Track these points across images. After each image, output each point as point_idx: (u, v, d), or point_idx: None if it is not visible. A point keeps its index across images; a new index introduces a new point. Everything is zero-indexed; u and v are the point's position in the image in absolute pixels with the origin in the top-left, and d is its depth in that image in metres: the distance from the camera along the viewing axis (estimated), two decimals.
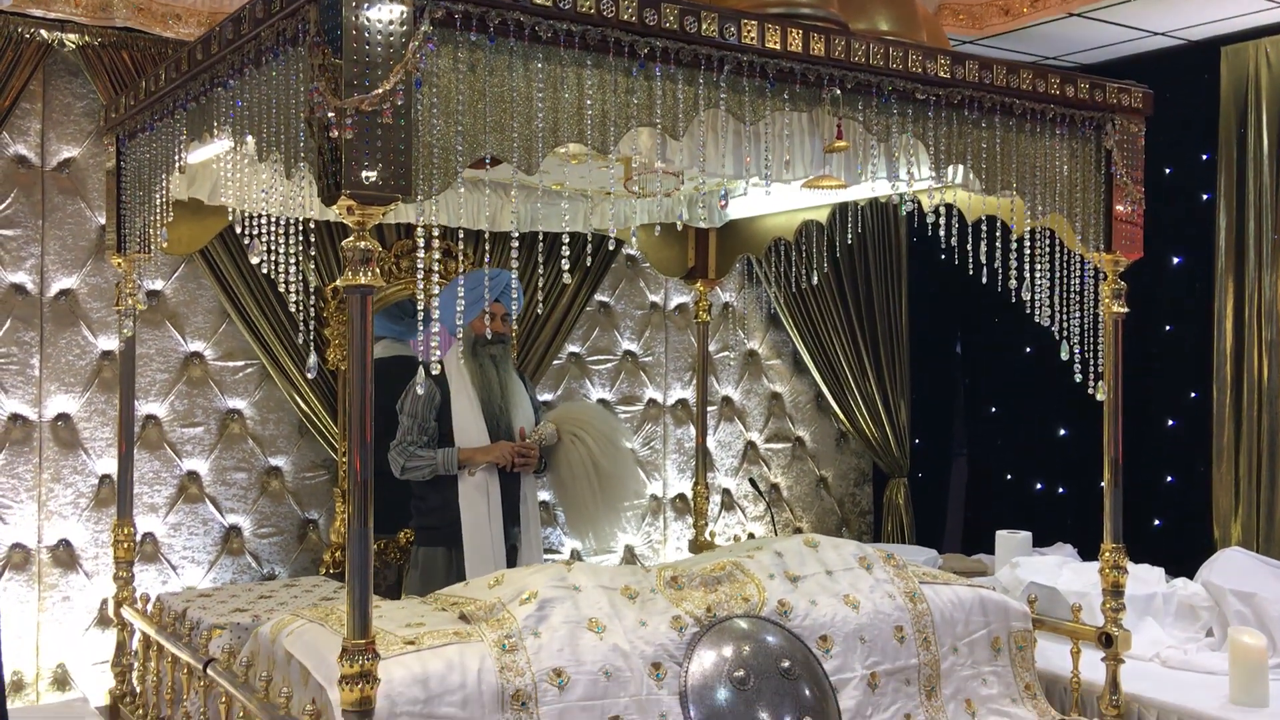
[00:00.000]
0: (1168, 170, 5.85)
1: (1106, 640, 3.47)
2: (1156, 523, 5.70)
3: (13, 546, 4.24)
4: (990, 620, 3.58)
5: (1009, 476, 6.51)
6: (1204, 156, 5.67)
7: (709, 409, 5.89)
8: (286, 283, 2.66)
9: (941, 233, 3.22)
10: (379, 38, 2.26)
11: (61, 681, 4.30)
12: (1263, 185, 5.40)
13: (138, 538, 4.41)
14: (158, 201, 3.33)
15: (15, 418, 4.26)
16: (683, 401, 5.85)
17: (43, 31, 4.13)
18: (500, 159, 2.48)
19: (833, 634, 3.28)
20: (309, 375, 2.70)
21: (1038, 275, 3.41)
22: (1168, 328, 5.81)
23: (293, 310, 2.77)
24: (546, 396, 5.38)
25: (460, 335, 4.34)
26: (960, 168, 3.22)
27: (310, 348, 2.72)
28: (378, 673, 2.44)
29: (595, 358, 5.59)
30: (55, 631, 4.30)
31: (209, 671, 3.07)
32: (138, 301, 3.78)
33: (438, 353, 2.40)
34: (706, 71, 2.72)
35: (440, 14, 2.35)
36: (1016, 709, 3.51)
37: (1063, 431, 6.15)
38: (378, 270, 2.35)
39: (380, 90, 2.27)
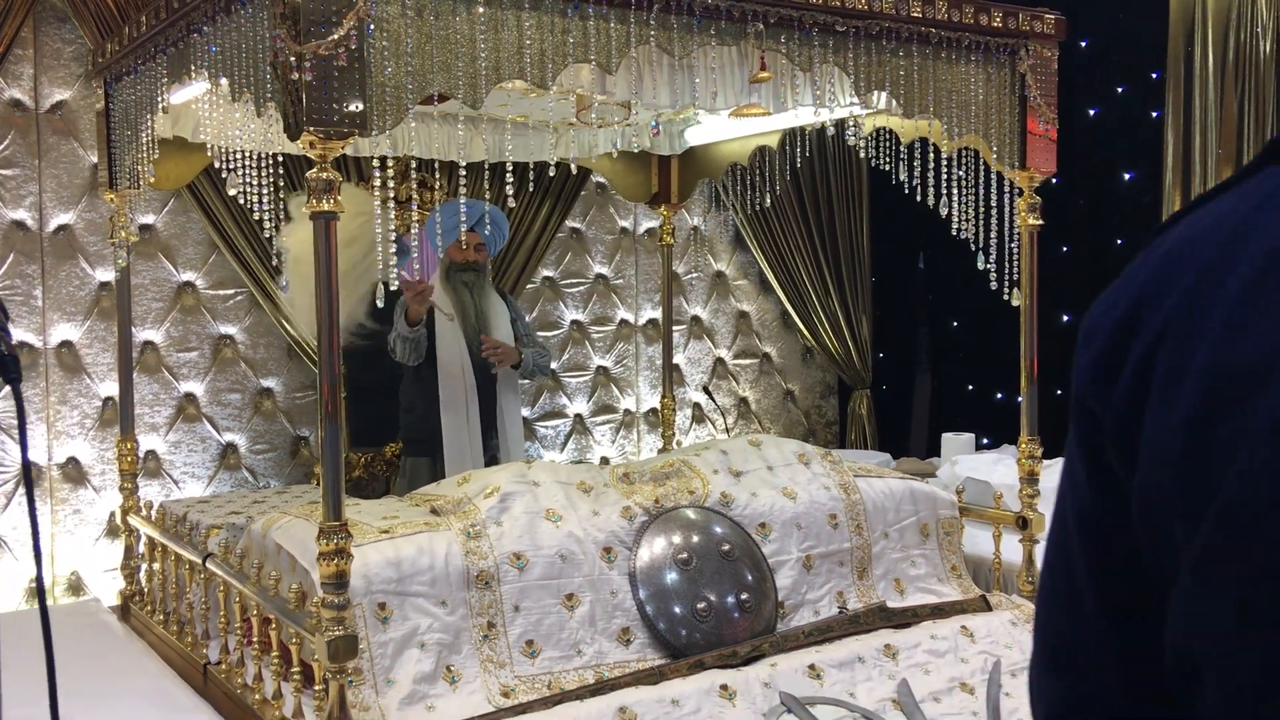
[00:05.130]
0: (1120, 89, 6.09)
1: (1023, 523, 3.82)
2: None
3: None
4: (919, 508, 3.92)
5: (970, 387, 6.83)
6: (1154, 75, 5.90)
7: (680, 328, 6.21)
8: (261, 209, 2.96)
9: (863, 153, 3.49)
10: None
11: (76, 587, 4.67)
12: (1208, 102, 5.63)
13: (141, 455, 4.76)
14: (144, 140, 3.61)
15: (22, 345, 4.57)
16: (653, 321, 6.16)
17: None
18: (448, 95, 2.76)
19: (770, 521, 3.62)
20: (283, 293, 3.00)
21: (963, 192, 3.70)
22: (1119, 241, 6.08)
23: (268, 235, 3.06)
24: (529, 317, 5.68)
25: (440, 259, 4.66)
26: (881, 94, 3.49)
27: (281, 268, 3.02)
28: (357, 556, 2.80)
29: (568, 281, 5.90)
30: (68, 542, 4.66)
31: (208, 565, 3.41)
32: (130, 234, 4.07)
33: (394, 271, 2.71)
34: (637, 11, 2.99)
35: None
36: (942, 587, 3.87)
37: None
38: (339, 198, 2.64)
39: (335, 36, 2.54)
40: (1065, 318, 6.07)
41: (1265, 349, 0.64)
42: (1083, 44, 6.12)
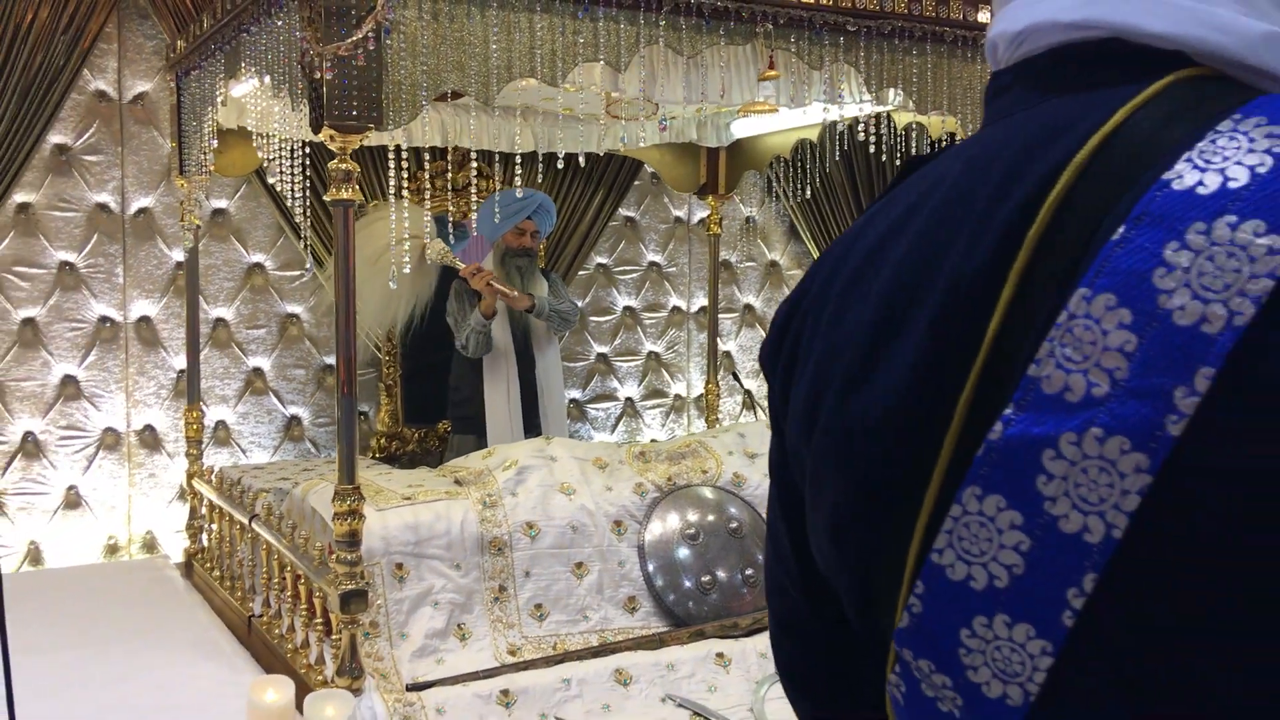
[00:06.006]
0: None
1: None
2: None
3: (105, 430, 4.95)
4: None
5: None
6: None
7: (733, 316, 6.35)
8: (292, 197, 3.21)
9: (872, 149, 3.61)
10: None
11: (150, 545, 5.03)
12: None
13: (211, 426, 5.10)
14: (205, 131, 3.90)
15: (104, 319, 4.93)
16: (705, 309, 6.30)
17: None
18: (461, 93, 2.96)
19: None
20: (307, 273, 3.24)
21: None
22: None
23: (297, 220, 3.31)
24: (580, 303, 5.89)
25: (494, 244, 4.89)
26: (894, 91, 3.59)
27: (308, 253, 3.26)
28: (378, 520, 3.04)
29: (621, 268, 6.09)
30: (143, 504, 5.02)
31: (252, 525, 3.70)
32: (195, 218, 4.37)
33: (406, 257, 2.93)
34: (646, 12, 3.15)
35: None
36: None
37: None
38: (358, 187, 2.87)
39: (354, 38, 2.77)
40: None
41: (837, 341, 0.80)
42: None
